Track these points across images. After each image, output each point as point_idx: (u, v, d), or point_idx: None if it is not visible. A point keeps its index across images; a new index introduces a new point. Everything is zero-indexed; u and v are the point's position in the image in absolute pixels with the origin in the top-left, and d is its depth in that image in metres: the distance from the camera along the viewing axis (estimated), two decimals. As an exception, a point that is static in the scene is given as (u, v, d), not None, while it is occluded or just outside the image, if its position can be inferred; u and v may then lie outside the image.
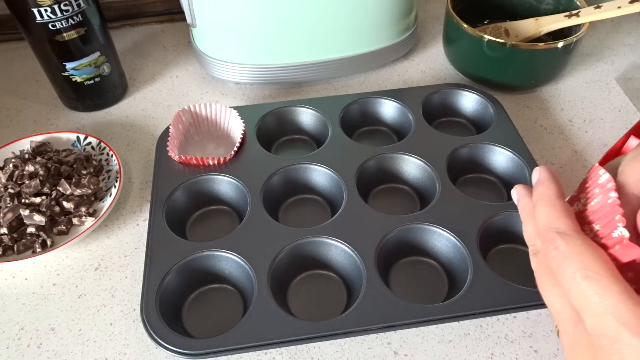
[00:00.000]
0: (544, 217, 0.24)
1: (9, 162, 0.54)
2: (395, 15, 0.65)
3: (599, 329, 0.21)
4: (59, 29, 0.56)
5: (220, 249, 0.46)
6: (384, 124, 0.62)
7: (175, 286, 0.45)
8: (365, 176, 0.53)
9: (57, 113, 0.66)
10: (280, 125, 0.60)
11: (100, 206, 0.53)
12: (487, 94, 0.61)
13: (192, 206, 0.53)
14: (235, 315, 0.45)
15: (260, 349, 0.41)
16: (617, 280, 0.21)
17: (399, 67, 0.71)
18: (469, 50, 0.64)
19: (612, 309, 0.21)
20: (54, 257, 0.51)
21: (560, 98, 0.66)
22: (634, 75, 0.69)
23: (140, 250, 0.51)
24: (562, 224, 0.23)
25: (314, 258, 0.47)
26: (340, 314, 0.42)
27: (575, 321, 0.22)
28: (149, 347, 0.44)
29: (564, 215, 0.24)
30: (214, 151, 0.59)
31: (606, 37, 0.76)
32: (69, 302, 0.47)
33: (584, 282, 0.22)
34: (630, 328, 0.20)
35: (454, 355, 0.43)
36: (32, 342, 0.45)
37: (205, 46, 0.66)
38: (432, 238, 0.48)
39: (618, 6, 0.58)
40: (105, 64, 0.63)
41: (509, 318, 0.45)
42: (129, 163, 0.60)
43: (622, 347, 0.20)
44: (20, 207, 0.50)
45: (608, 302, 0.21)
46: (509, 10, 0.70)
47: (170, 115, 0.65)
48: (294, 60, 0.65)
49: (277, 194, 0.53)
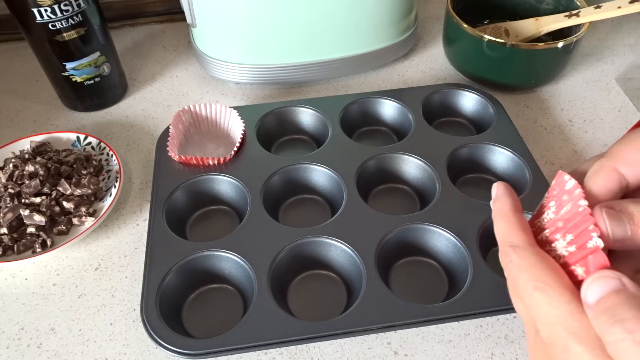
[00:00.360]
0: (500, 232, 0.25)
1: (9, 162, 0.54)
2: (395, 15, 0.65)
3: (550, 337, 0.22)
4: (59, 29, 0.56)
5: (220, 249, 0.46)
6: (384, 124, 0.62)
7: (175, 286, 0.45)
8: (365, 176, 0.53)
9: (57, 113, 0.66)
10: (280, 125, 0.60)
11: (100, 206, 0.53)
12: (487, 94, 0.61)
13: (192, 206, 0.53)
14: (235, 315, 0.45)
15: (260, 349, 0.41)
16: (565, 290, 0.22)
17: (399, 67, 0.71)
18: (469, 50, 0.64)
19: (560, 318, 0.21)
20: (54, 257, 0.51)
21: (560, 98, 0.66)
22: (634, 75, 0.69)
23: (140, 250, 0.51)
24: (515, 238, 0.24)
25: (314, 258, 0.47)
26: (340, 314, 0.42)
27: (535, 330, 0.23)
28: (149, 347, 0.44)
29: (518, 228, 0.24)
30: (214, 151, 0.59)
31: (606, 37, 0.76)
32: (69, 302, 0.47)
33: (535, 293, 0.22)
34: (576, 337, 0.20)
35: (454, 355, 0.43)
36: (32, 342, 0.45)
37: (205, 46, 0.66)
38: (432, 238, 0.48)
39: (618, 6, 0.58)
40: (105, 64, 0.63)
41: (509, 318, 0.45)
42: (129, 163, 0.60)
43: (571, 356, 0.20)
44: (20, 207, 0.50)
45: (557, 312, 0.21)
46: (509, 10, 0.70)
47: (170, 115, 0.65)
48: (294, 60, 0.65)
49: (277, 194, 0.53)
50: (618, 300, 0.19)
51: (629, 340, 0.18)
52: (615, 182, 0.24)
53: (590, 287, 0.21)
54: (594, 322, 0.20)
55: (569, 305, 0.21)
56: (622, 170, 0.24)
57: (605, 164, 0.24)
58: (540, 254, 0.23)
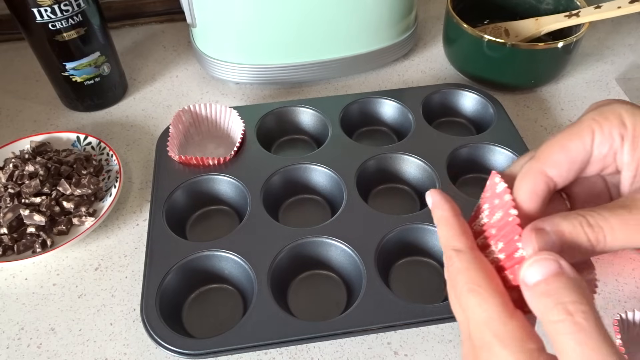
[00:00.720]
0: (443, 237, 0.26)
1: (9, 162, 0.54)
2: (395, 15, 0.65)
3: (479, 340, 0.22)
4: (59, 29, 0.56)
5: (220, 249, 0.46)
6: (384, 124, 0.62)
7: (175, 286, 0.45)
8: (365, 176, 0.53)
9: (57, 113, 0.66)
10: (280, 125, 0.60)
11: (100, 206, 0.53)
12: (487, 94, 0.61)
13: (192, 206, 0.53)
14: (235, 315, 0.45)
15: (260, 349, 0.41)
16: (496, 293, 0.22)
17: (399, 67, 0.71)
18: (469, 50, 0.64)
19: (488, 321, 0.22)
20: (54, 257, 0.51)
21: (560, 98, 0.66)
22: (634, 75, 0.69)
23: (140, 250, 0.51)
24: (457, 242, 0.25)
25: (314, 258, 0.47)
26: (340, 314, 0.42)
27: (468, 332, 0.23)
28: (149, 347, 0.44)
29: (459, 233, 0.25)
30: (214, 151, 0.59)
31: (606, 37, 0.76)
32: (69, 302, 0.47)
33: (469, 295, 0.23)
34: (500, 340, 0.21)
35: (454, 355, 0.43)
36: (32, 342, 0.45)
37: (205, 46, 0.66)
38: (432, 238, 0.48)
39: (618, 6, 0.58)
40: (105, 64, 0.63)
41: (509, 318, 0.45)
42: (129, 163, 0.60)
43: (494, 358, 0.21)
44: (20, 207, 0.50)
45: (486, 314, 0.22)
46: (509, 10, 0.70)
47: (170, 115, 0.65)
48: (294, 60, 0.65)
49: (277, 194, 0.53)
50: (558, 283, 0.20)
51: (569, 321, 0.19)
52: (542, 185, 0.24)
53: (530, 269, 0.21)
54: (533, 303, 0.21)
55: (497, 308, 0.22)
56: (549, 172, 0.24)
57: (532, 167, 0.25)
58: (479, 258, 0.24)
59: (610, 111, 0.24)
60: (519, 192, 0.24)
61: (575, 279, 0.20)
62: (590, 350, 0.18)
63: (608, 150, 0.24)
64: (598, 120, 0.24)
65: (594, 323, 0.19)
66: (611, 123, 0.23)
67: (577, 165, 0.24)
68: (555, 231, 0.22)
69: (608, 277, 0.48)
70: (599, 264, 0.48)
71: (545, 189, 0.24)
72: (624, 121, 0.23)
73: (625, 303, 0.46)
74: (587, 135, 0.24)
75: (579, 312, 0.19)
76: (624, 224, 0.22)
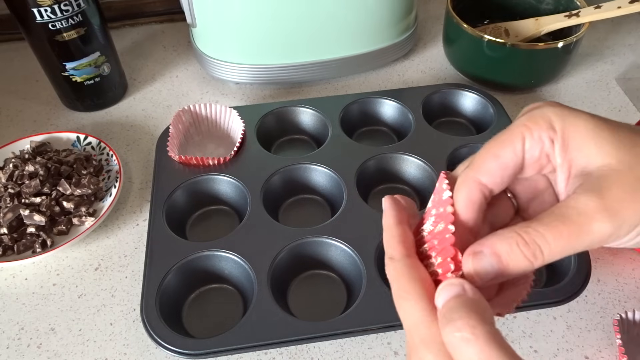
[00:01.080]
0: (385, 245, 0.27)
1: (9, 162, 0.54)
2: (395, 15, 0.65)
3: (410, 343, 0.23)
4: (59, 29, 0.56)
5: (220, 249, 0.46)
6: (384, 124, 0.62)
7: (175, 286, 0.45)
8: (365, 176, 0.53)
9: (57, 113, 0.66)
10: (280, 125, 0.60)
11: (100, 206, 0.53)
12: (487, 94, 0.61)
13: (192, 206, 0.53)
14: (235, 315, 0.45)
15: (260, 349, 0.41)
16: (423, 299, 0.23)
17: (399, 67, 0.71)
18: (469, 50, 0.64)
19: (416, 325, 0.23)
20: (54, 257, 0.51)
21: (560, 98, 0.66)
22: (634, 75, 0.69)
23: (140, 250, 0.51)
24: (392, 250, 0.26)
25: (314, 258, 0.47)
26: (340, 314, 0.42)
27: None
28: (149, 347, 0.44)
29: (397, 241, 0.26)
30: (214, 151, 0.59)
31: (606, 37, 0.76)
32: (69, 302, 0.47)
33: (399, 301, 0.24)
34: (425, 343, 0.22)
35: (454, 355, 0.43)
36: (32, 342, 0.45)
37: (205, 46, 0.66)
38: (432, 238, 0.48)
39: (618, 6, 0.58)
40: (105, 64, 0.63)
41: (509, 318, 0.45)
42: (129, 163, 0.60)
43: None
44: (20, 207, 0.50)
45: (413, 319, 0.23)
46: (509, 10, 0.70)
47: (170, 115, 0.65)
48: (294, 60, 0.65)
49: (277, 194, 0.53)
50: (454, 303, 0.21)
51: (458, 337, 0.20)
52: (477, 193, 0.25)
53: (439, 293, 0.23)
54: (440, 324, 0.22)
55: (422, 313, 0.23)
56: (483, 180, 0.25)
57: (468, 176, 0.25)
58: (411, 266, 0.24)
59: (539, 115, 0.24)
60: (456, 202, 0.25)
61: (472, 299, 0.22)
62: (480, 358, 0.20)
63: (540, 153, 0.25)
64: (528, 125, 0.24)
65: (483, 336, 0.20)
66: (540, 127, 0.24)
67: (510, 171, 0.25)
68: (492, 253, 0.23)
69: (608, 277, 0.48)
70: (599, 264, 0.48)
71: (481, 196, 0.25)
72: (553, 125, 0.24)
73: (625, 303, 0.46)
74: (518, 141, 0.24)
75: (468, 327, 0.20)
76: (559, 236, 0.22)
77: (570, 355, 0.43)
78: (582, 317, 0.45)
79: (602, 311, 0.46)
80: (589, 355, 0.43)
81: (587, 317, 0.45)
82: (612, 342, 0.43)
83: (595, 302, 0.46)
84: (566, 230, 0.22)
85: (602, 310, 0.46)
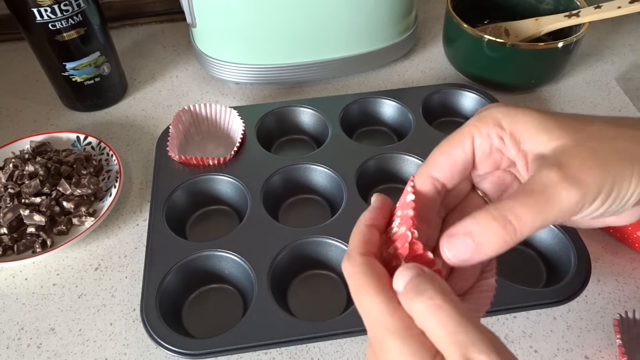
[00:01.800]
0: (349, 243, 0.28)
1: (9, 162, 0.54)
2: (395, 15, 0.65)
3: (373, 336, 0.24)
4: (59, 29, 0.56)
5: (220, 249, 0.46)
6: (384, 124, 0.62)
7: (175, 286, 0.45)
8: (365, 176, 0.53)
9: (57, 113, 0.66)
10: (280, 125, 0.60)
11: (100, 206, 0.53)
12: (487, 94, 0.61)
13: (192, 206, 0.53)
14: (235, 315, 0.45)
15: (260, 349, 0.41)
16: (380, 292, 0.24)
17: (399, 67, 0.71)
18: (469, 50, 0.64)
19: (376, 318, 0.23)
20: (54, 257, 0.51)
21: (560, 98, 0.66)
22: (634, 75, 0.69)
23: (140, 250, 0.51)
24: (352, 248, 0.27)
25: (314, 258, 0.47)
26: (340, 314, 0.42)
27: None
28: (149, 347, 0.44)
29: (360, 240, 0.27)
30: (214, 151, 0.59)
31: (606, 37, 0.76)
32: (69, 302, 0.47)
33: (357, 297, 0.25)
34: (390, 332, 0.23)
35: (454, 355, 0.43)
36: (32, 342, 0.45)
37: (205, 46, 0.66)
38: (432, 238, 0.48)
39: (618, 6, 0.58)
40: (105, 64, 0.63)
41: (509, 318, 0.45)
42: (129, 163, 0.60)
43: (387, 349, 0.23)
44: (20, 207, 0.50)
45: (374, 313, 0.24)
46: (509, 10, 0.70)
47: (170, 115, 0.65)
48: (294, 60, 0.65)
49: (277, 194, 0.53)
50: (420, 279, 0.23)
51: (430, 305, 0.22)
52: (430, 187, 0.28)
53: (397, 278, 0.24)
54: (405, 303, 0.23)
55: (384, 305, 0.23)
56: (435, 174, 0.27)
57: (422, 171, 0.28)
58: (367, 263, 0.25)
59: (488, 115, 0.27)
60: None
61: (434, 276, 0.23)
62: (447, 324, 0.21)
63: (490, 149, 0.27)
64: (477, 125, 0.27)
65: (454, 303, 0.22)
66: (488, 126, 0.27)
67: (459, 167, 0.27)
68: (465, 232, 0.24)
69: (608, 277, 0.48)
70: (599, 264, 0.48)
71: (434, 189, 0.28)
72: (500, 123, 0.26)
73: (625, 303, 0.46)
74: (467, 140, 0.27)
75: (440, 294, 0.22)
76: (527, 208, 0.23)
77: (570, 355, 0.43)
78: (582, 317, 0.45)
79: (602, 311, 0.46)
80: (589, 355, 0.43)
81: (587, 317, 0.45)
82: (612, 342, 0.43)
83: (595, 302, 0.46)
84: (533, 201, 0.23)
85: (602, 310, 0.46)
